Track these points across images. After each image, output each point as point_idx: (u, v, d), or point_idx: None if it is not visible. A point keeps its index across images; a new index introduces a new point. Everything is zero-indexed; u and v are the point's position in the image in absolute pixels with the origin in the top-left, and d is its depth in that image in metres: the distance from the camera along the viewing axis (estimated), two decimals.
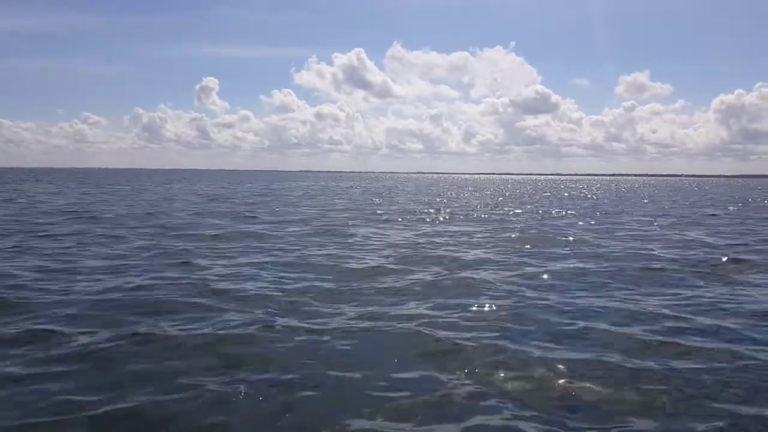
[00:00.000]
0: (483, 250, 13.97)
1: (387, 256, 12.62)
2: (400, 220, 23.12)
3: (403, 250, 13.63)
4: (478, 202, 39.50)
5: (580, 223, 22.61)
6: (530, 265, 11.61)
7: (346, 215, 25.08)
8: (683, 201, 43.18)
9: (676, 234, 18.14)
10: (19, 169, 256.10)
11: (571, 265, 11.58)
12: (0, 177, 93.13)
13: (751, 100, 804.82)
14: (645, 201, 42.67)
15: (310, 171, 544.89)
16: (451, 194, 53.41)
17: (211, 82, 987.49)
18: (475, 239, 16.37)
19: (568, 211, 29.47)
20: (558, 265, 11.56)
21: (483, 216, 25.83)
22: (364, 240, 15.89)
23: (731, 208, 34.07)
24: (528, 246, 14.75)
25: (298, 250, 13.45)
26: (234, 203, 33.09)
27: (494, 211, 29.22)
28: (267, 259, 12.00)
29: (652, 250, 14.08)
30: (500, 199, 45.03)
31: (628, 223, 22.75)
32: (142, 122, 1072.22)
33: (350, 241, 15.66)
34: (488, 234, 17.78)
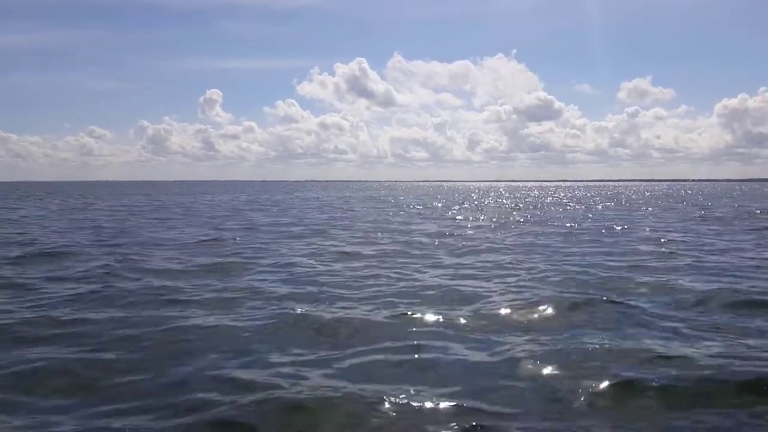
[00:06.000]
0: None
1: None
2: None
3: None
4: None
5: None
6: None
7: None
8: None
9: None
10: (27, 183, 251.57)
11: None
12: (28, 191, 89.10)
13: (754, 104, 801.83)
14: None
15: (317, 180, 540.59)
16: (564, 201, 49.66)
17: (215, 94, 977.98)
18: None
19: None
20: None
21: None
22: None
23: None
24: None
25: None
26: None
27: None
28: None
29: None
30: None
31: None
32: (147, 135, 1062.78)
33: None
34: None
